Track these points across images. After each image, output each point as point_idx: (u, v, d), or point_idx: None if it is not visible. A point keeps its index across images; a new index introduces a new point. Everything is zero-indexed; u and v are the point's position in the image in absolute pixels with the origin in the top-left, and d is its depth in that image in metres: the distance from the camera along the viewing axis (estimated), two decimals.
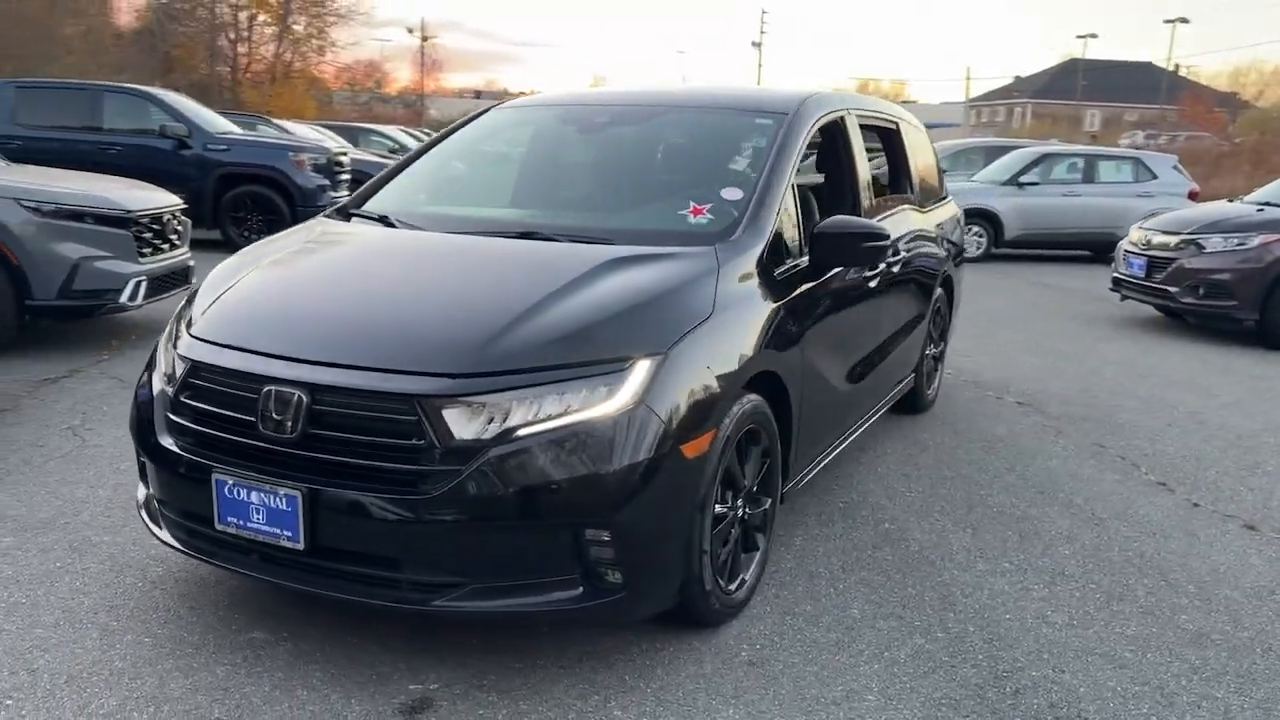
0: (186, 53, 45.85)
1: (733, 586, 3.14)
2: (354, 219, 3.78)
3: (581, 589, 2.64)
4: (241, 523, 2.71)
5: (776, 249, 3.42)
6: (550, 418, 2.57)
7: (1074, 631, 3.18)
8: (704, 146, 3.97)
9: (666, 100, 4.34)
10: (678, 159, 3.97)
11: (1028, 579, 3.57)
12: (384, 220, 3.66)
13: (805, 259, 3.54)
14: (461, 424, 2.55)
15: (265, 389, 2.69)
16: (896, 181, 5.26)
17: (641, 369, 2.67)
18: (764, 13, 71.52)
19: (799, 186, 3.72)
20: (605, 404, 2.61)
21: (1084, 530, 4.05)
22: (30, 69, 19.75)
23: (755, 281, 3.24)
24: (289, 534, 2.65)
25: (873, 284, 4.20)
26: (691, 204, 3.48)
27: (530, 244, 3.33)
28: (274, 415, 2.67)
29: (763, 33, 68.50)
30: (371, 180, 4.10)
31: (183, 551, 2.93)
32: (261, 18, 51.72)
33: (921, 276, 5.16)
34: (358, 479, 2.59)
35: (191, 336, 2.98)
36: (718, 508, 2.97)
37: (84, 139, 11.42)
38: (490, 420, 2.55)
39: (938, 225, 5.53)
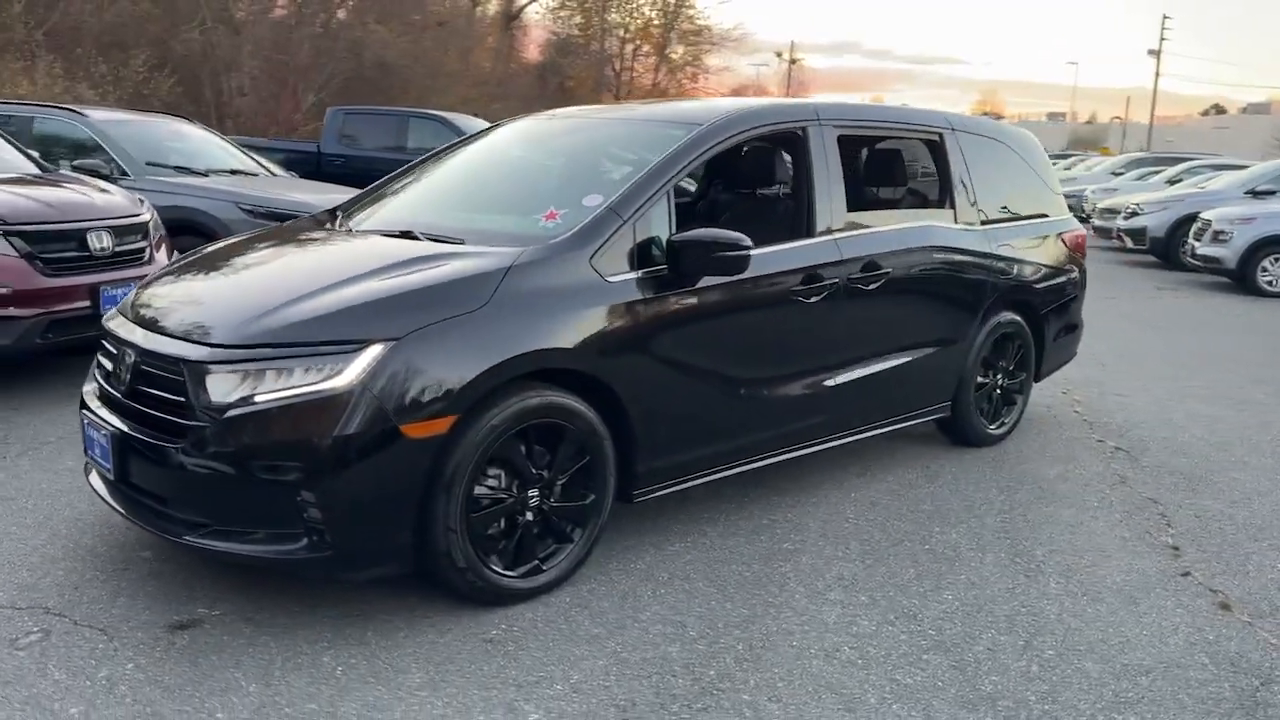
0: (578, 83, 50.52)
1: (516, 570, 3.30)
2: (331, 221, 4.35)
3: (304, 543, 2.98)
4: (92, 453, 3.37)
5: (631, 254, 3.52)
6: (288, 388, 2.94)
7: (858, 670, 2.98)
8: (607, 158, 4.11)
9: (627, 115, 4.51)
10: (579, 169, 4.15)
11: (837, 634, 3.34)
12: (332, 219, 4.22)
13: (665, 267, 3.59)
14: (217, 387, 2.99)
15: (122, 349, 3.33)
16: (930, 193, 4.97)
17: (371, 351, 2.96)
18: (1165, 18, 63.87)
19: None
20: (332, 380, 2.93)
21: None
22: (424, 100, 23.14)
23: (578, 283, 3.38)
24: (106, 466, 3.26)
25: (812, 297, 4.07)
26: (550, 208, 3.67)
27: (385, 240, 3.72)
28: (118, 370, 3.30)
29: (1162, 39, 61.57)
30: (366, 189, 4.64)
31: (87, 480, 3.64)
32: (645, 48, 55.66)
33: (952, 295, 4.82)
34: (148, 426, 3.14)
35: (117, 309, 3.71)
36: (479, 490, 3.16)
37: (390, 157, 13.29)
38: (240, 386, 2.98)
39: (1001, 245, 5.10)
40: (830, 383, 4.30)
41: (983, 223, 5.09)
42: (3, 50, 19.88)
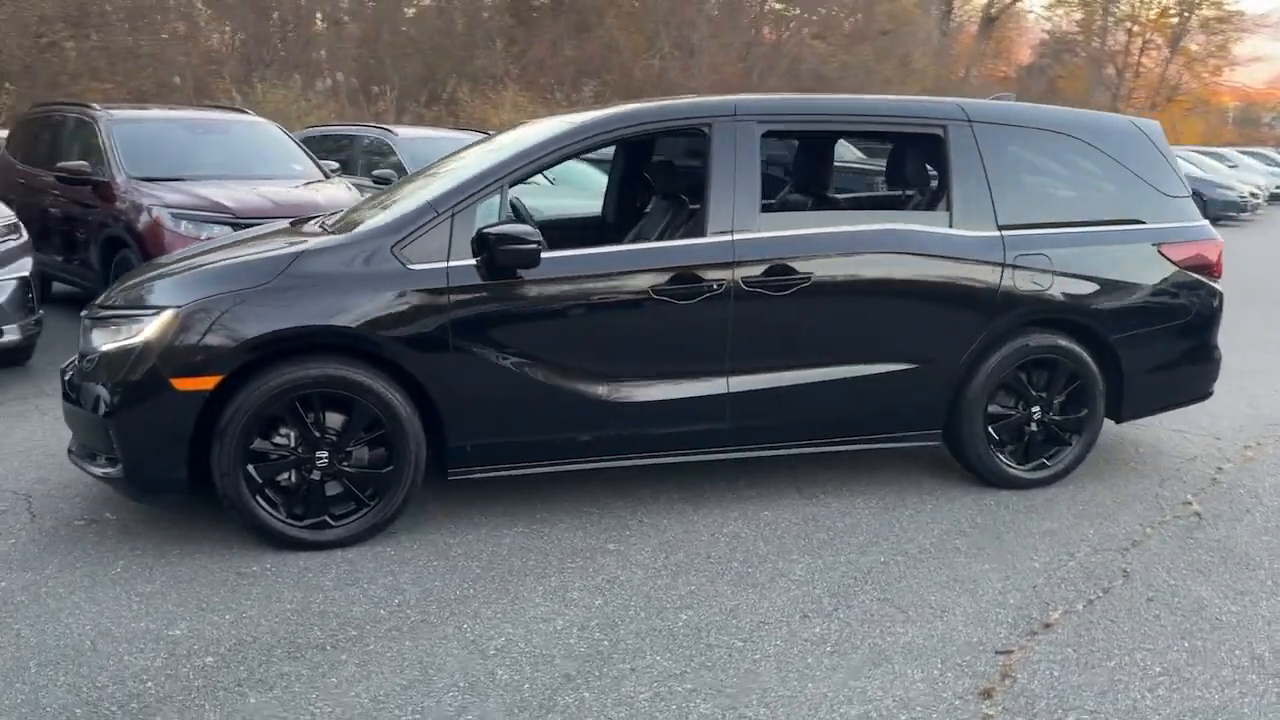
0: (1068, 83, 47.01)
1: (303, 521, 3.73)
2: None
3: (118, 468, 3.71)
4: None
5: (447, 245, 3.77)
6: (114, 342, 3.70)
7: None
8: None
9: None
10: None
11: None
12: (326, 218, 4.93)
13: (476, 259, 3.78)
14: (89, 338, 3.84)
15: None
16: (918, 193, 4.41)
17: (163, 316, 3.62)
18: None
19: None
20: (133, 338, 3.64)
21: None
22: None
23: (375, 270, 3.72)
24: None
25: (686, 299, 3.94)
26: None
27: (280, 233, 4.33)
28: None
29: None
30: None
31: None
32: (1156, 39, 50.08)
33: (928, 308, 4.27)
34: None
35: None
36: (262, 444, 3.65)
37: None
38: (99, 338, 3.79)
39: (1027, 254, 4.34)
40: (727, 389, 4.09)
41: (1001, 227, 4.38)
42: (481, 83, 23.80)
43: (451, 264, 3.77)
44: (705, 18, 29.55)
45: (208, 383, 3.58)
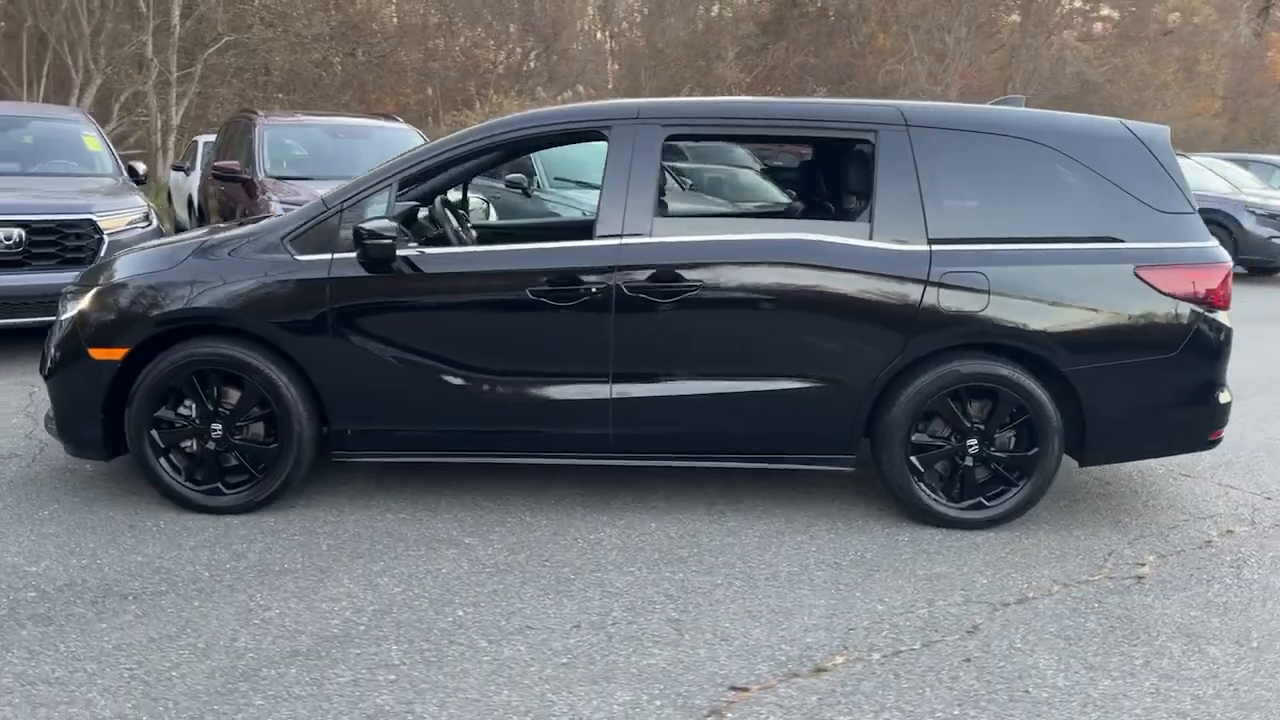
0: None
1: (199, 487, 4.10)
2: None
3: (57, 429, 4.25)
4: None
5: (334, 239, 4.01)
6: (67, 312, 4.24)
7: None
8: None
9: None
10: None
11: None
12: None
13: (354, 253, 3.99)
14: (63, 307, 4.41)
15: None
16: (838, 201, 4.10)
17: (90, 292, 4.12)
18: None
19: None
20: (71, 310, 4.17)
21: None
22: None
23: (264, 260, 4.03)
24: None
25: (563, 300, 3.94)
26: None
27: (235, 224, 4.71)
28: None
29: None
30: None
31: None
32: None
33: (831, 324, 3.99)
34: None
35: None
36: (166, 412, 4.06)
37: None
38: (63, 308, 4.34)
39: (958, 272, 3.95)
40: (609, 395, 4.04)
41: (932, 241, 4.01)
42: (713, 92, 24.12)
43: (335, 256, 4.00)
44: (962, 21, 28.23)
45: (117, 354, 4.02)
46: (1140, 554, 3.97)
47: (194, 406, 4.07)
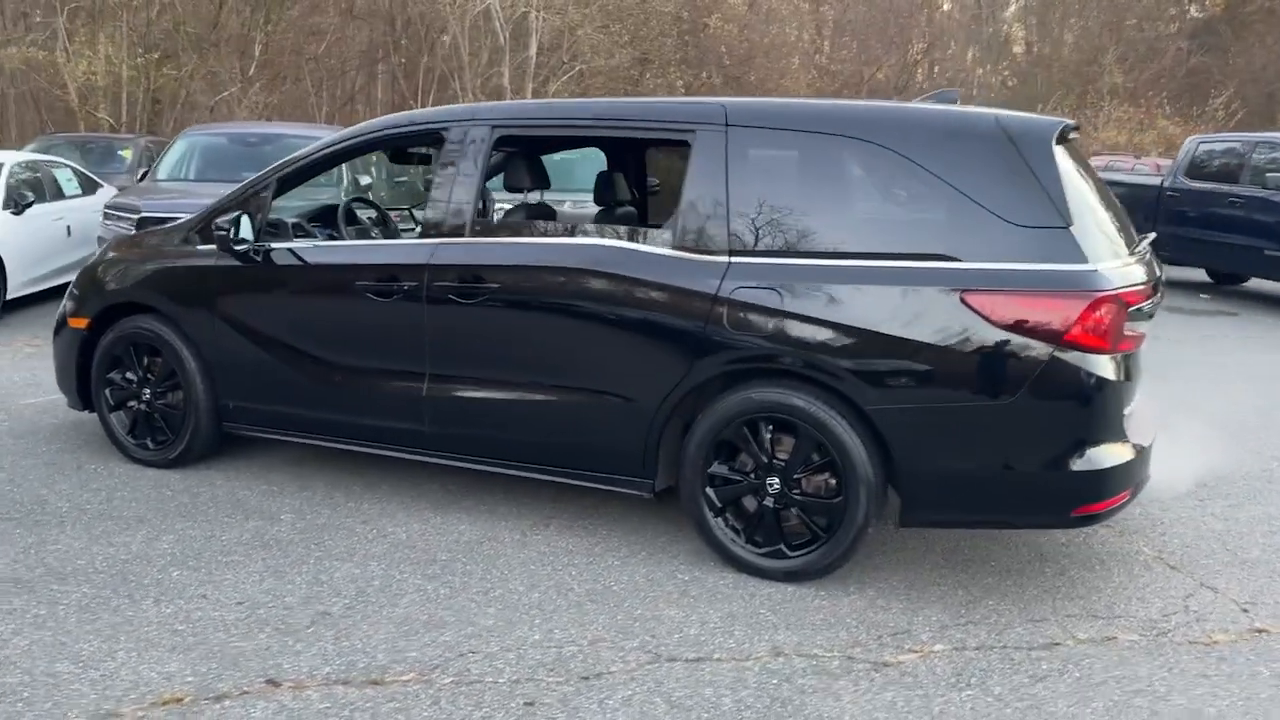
0: None
1: (142, 440, 4.79)
2: None
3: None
4: None
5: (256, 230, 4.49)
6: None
7: None
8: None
9: None
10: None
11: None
12: None
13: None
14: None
15: None
16: (655, 205, 3.77)
17: (81, 268, 4.99)
18: None
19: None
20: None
21: None
22: None
23: (175, 250, 4.62)
24: None
25: (385, 296, 4.10)
26: None
27: None
28: None
29: None
30: None
31: None
32: None
33: (621, 338, 3.74)
34: None
35: None
36: (115, 376, 4.80)
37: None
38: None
39: (754, 287, 3.51)
40: (424, 393, 4.12)
41: (733, 253, 3.59)
42: (1090, 103, 21.81)
43: (244, 247, 4.44)
44: None
45: (82, 323, 4.83)
46: (930, 640, 3.26)
47: (129, 374, 4.77)
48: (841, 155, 3.56)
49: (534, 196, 4.78)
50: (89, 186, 10.54)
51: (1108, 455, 3.32)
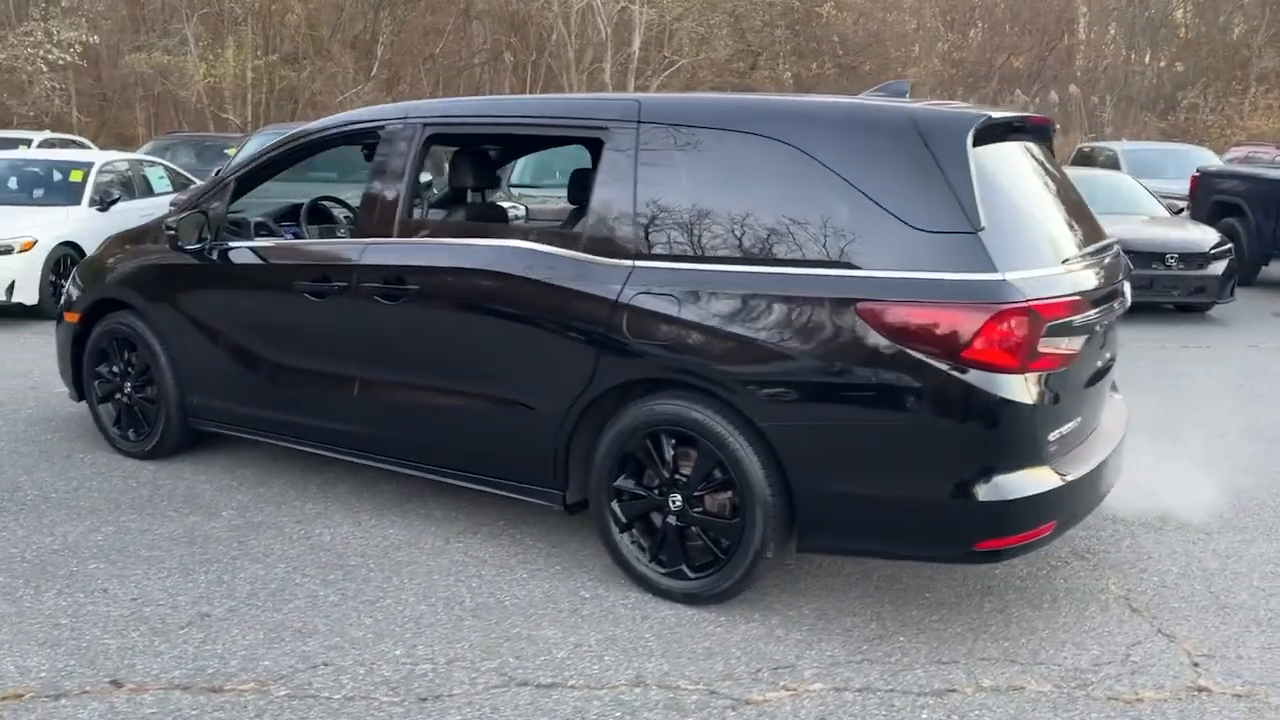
0: None
1: (116, 431, 4.94)
2: None
3: None
4: None
5: (197, 230, 4.57)
6: None
7: None
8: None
9: None
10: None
11: None
12: None
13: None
14: None
15: None
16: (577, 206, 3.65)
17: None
18: None
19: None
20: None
21: None
22: None
23: (155, 247, 4.73)
24: None
25: (317, 295, 4.09)
26: None
27: None
28: None
29: None
30: None
31: None
32: None
33: (526, 344, 3.62)
34: None
35: None
36: (102, 369, 4.98)
37: None
38: None
39: (653, 293, 3.33)
40: (354, 394, 4.10)
41: (636, 257, 3.40)
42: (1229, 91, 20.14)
43: (191, 246, 4.55)
44: None
45: (74, 318, 5.03)
46: (812, 678, 3.01)
47: (115, 366, 4.94)
48: (747, 154, 3.33)
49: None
50: (180, 184, 11.07)
51: (1020, 484, 2.99)
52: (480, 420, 3.79)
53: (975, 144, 3.14)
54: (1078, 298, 3.09)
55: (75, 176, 9.56)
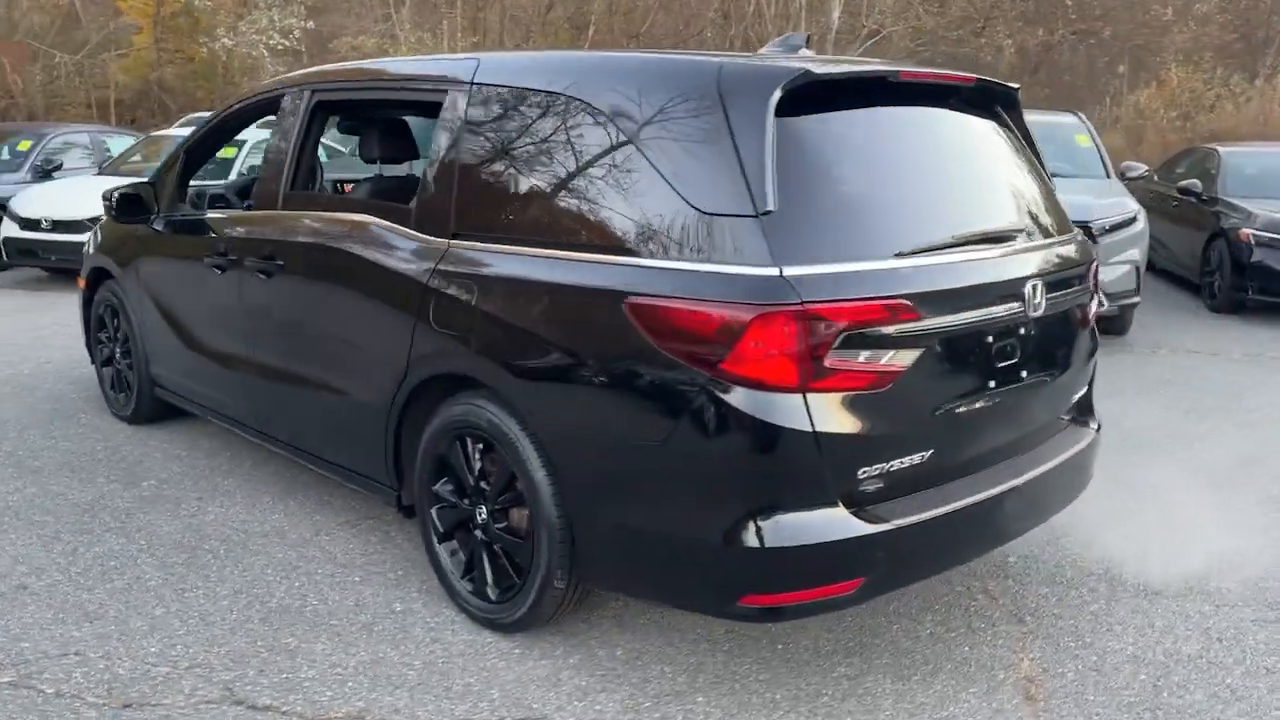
0: None
1: (121, 400, 5.12)
2: None
3: None
4: None
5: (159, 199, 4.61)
6: None
7: None
8: None
9: None
10: None
11: None
12: None
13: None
14: None
15: None
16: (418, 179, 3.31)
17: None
18: None
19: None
20: None
21: None
22: None
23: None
24: None
25: (215, 269, 4.00)
26: None
27: None
28: None
29: None
30: None
31: None
32: None
33: (360, 330, 3.34)
34: None
35: None
36: (103, 338, 5.17)
37: None
38: None
39: (457, 277, 2.95)
40: (247, 371, 3.98)
41: (454, 235, 3.02)
42: None
43: (124, 219, 4.56)
44: None
45: (82, 283, 5.25)
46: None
47: (107, 334, 5.11)
48: (554, 118, 2.85)
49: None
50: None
51: (802, 529, 2.38)
52: (326, 408, 3.56)
53: (810, 107, 2.54)
54: (907, 300, 2.42)
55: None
